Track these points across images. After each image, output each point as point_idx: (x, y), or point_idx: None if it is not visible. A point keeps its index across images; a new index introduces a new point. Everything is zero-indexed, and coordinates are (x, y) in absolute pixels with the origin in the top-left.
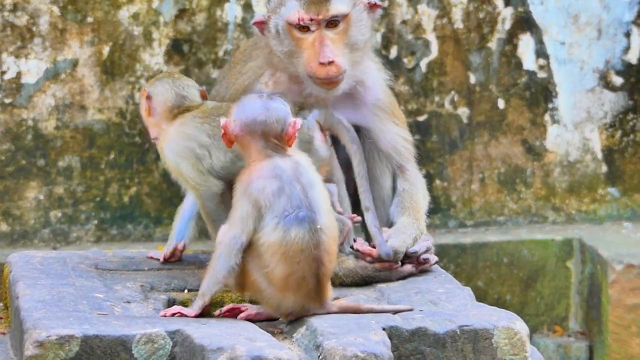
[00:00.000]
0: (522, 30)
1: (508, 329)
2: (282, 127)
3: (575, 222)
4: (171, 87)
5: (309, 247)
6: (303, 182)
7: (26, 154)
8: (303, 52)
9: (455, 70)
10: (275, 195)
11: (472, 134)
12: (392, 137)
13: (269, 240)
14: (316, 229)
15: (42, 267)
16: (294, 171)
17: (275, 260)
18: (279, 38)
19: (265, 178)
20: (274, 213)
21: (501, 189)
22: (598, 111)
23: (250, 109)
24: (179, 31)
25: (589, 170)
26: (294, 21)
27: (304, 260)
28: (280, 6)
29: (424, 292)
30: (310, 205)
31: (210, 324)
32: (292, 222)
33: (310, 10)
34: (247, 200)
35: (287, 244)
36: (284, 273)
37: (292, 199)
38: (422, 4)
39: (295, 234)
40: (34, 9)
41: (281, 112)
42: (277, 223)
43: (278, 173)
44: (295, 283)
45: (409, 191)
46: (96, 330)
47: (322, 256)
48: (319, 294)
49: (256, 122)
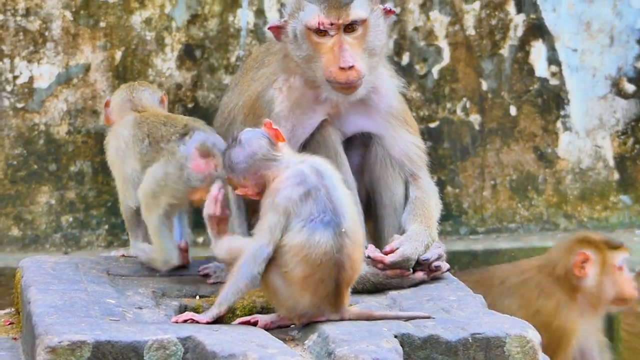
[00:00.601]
0: (534, 37)
1: (520, 337)
2: (266, 140)
3: (587, 229)
4: (123, 93)
5: (332, 251)
6: (326, 184)
7: (38, 158)
8: (322, 57)
9: (467, 77)
10: (303, 200)
11: (484, 140)
12: (405, 144)
13: (291, 242)
14: (341, 233)
15: (54, 272)
16: (316, 175)
17: (296, 261)
18: (297, 43)
19: (291, 186)
20: (300, 217)
21: (513, 196)
22: (610, 118)
23: (234, 158)
24: (191, 36)
25: (601, 178)
26: (313, 26)
27: (325, 263)
28: (298, 11)
29: (435, 299)
30: (335, 209)
31: (222, 331)
32: (318, 226)
33: (331, 15)
34: (276, 211)
35: (311, 246)
36: (304, 274)
37: (318, 203)
38: (434, 11)
39: (320, 237)
40: (46, 13)
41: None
42: (302, 227)
43: (303, 179)
44: (314, 284)
45: (421, 199)
46: (108, 336)
47: (344, 260)
48: (336, 299)
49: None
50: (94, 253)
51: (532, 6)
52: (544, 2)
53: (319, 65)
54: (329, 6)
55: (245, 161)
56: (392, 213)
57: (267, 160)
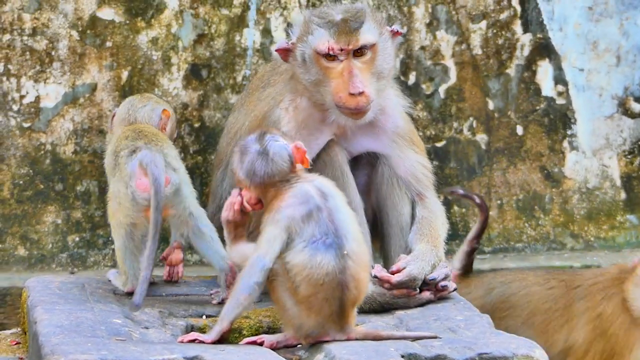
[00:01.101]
0: (541, 56)
1: (527, 357)
2: (289, 161)
3: (594, 249)
4: (125, 105)
5: (334, 272)
6: (330, 205)
7: (44, 178)
8: (331, 82)
9: (473, 97)
10: (305, 220)
11: (491, 160)
12: (412, 164)
13: (293, 262)
14: (343, 255)
15: (61, 292)
16: (319, 196)
17: (299, 281)
18: (305, 66)
19: (293, 205)
20: (302, 237)
21: (519, 216)
22: (617, 138)
23: (259, 169)
24: (198, 56)
25: (608, 197)
26: (322, 50)
27: (328, 284)
28: (307, 34)
29: (442, 319)
30: (337, 230)
31: (229, 351)
32: (320, 247)
33: (341, 40)
34: (276, 226)
35: (312, 267)
36: (307, 293)
37: (320, 224)
38: (440, 30)
39: (321, 258)
40: (53, 33)
41: (279, 150)
42: (304, 247)
43: (305, 198)
44: (317, 304)
45: (428, 218)
46: (114, 356)
47: (347, 281)
48: (340, 318)
49: (270, 174)
50: (100, 273)
51: (539, 26)
52: (551, 21)
53: (328, 90)
54: (338, 31)
55: (263, 177)
56: (398, 233)
57: (281, 181)
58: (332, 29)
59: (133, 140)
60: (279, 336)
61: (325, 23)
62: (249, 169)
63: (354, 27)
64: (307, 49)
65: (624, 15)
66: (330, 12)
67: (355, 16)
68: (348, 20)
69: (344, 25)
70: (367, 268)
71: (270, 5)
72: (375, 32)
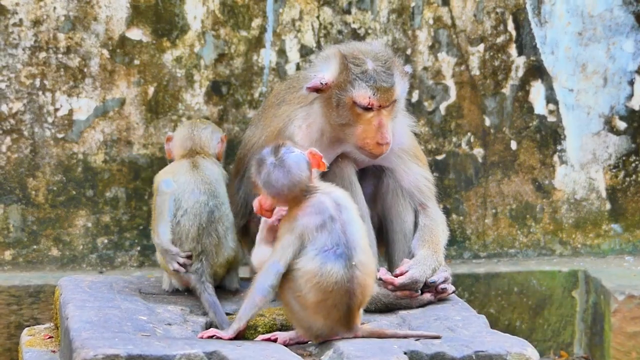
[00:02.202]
0: (534, 77)
1: (520, 354)
2: (307, 169)
3: (581, 255)
4: (185, 130)
5: (343, 280)
6: (343, 218)
7: (76, 185)
8: (359, 126)
9: (471, 114)
10: (318, 230)
11: (487, 172)
12: (415, 177)
13: (304, 268)
14: (351, 265)
15: (90, 290)
16: (334, 208)
17: (309, 287)
18: (336, 109)
19: (309, 215)
20: (315, 246)
21: (512, 224)
22: (603, 153)
23: (275, 181)
24: (218, 74)
25: (594, 208)
26: (362, 104)
27: (337, 291)
28: (346, 84)
29: (442, 319)
30: (348, 242)
31: (245, 346)
32: (330, 257)
33: (381, 99)
34: (292, 234)
35: (322, 275)
36: (316, 299)
37: (332, 235)
38: (442, 52)
39: (331, 267)
40: (85, 51)
41: (298, 162)
42: (315, 255)
43: (321, 209)
44: (326, 310)
45: (429, 226)
46: (140, 350)
47: (354, 289)
48: (348, 321)
49: (287, 186)
50: (127, 273)
51: (532, 49)
52: (543, 45)
53: (354, 132)
54: (380, 89)
55: (282, 188)
56: (402, 239)
57: (300, 191)
58: (373, 85)
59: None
60: (291, 334)
61: (365, 76)
62: (266, 180)
63: (390, 84)
64: (345, 96)
65: (610, 40)
66: (364, 59)
67: (389, 70)
68: (383, 73)
69: (383, 82)
70: (373, 275)
71: (285, 27)
72: (402, 84)
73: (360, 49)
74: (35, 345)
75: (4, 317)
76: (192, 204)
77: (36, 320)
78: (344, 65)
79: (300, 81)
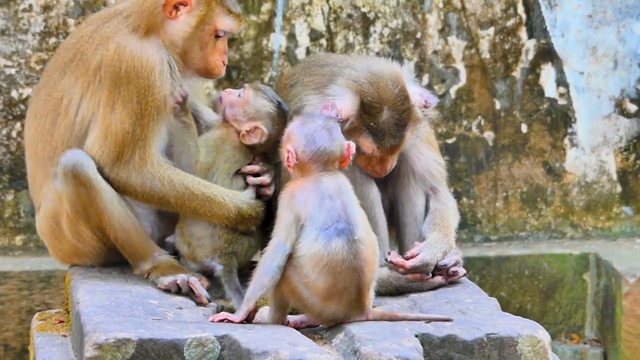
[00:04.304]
0: (544, 60)
1: (531, 337)
2: (342, 153)
3: (592, 238)
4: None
5: (349, 257)
6: (343, 199)
7: None
8: (362, 155)
9: (482, 97)
10: (317, 208)
11: (497, 155)
12: (427, 161)
13: (309, 252)
14: (354, 240)
15: (101, 274)
16: (336, 189)
17: (317, 272)
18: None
19: (308, 191)
20: (315, 225)
21: (523, 207)
22: (614, 136)
23: (320, 140)
24: (229, 58)
25: (605, 191)
26: (366, 152)
27: (345, 271)
28: (357, 129)
29: (453, 302)
30: (349, 218)
31: (256, 330)
32: (332, 234)
33: (386, 151)
34: (290, 212)
35: (329, 254)
36: (326, 284)
37: (332, 212)
38: (452, 36)
39: (335, 244)
40: None
41: (342, 139)
42: (317, 235)
43: (321, 189)
44: (337, 293)
45: (440, 210)
46: (151, 334)
47: (362, 265)
48: (359, 303)
49: (325, 152)
50: None
51: (543, 32)
52: (554, 28)
53: (358, 157)
54: (384, 149)
55: (319, 149)
56: (413, 222)
57: (323, 163)
58: (379, 138)
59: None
60: (302, 317)
61: (375, 129)
62: (310, 134)
63: (398, 140)
64: (353, 136)
65: (620, 23)
66: (380, 108)
67: (402, 122)
68: (394, 128)
69: (390, 137)
70: (376, 251)
71: (295, 12)
72: (414, 128)
73: (379, 92)
74: (47, 330)
75: (15, 302)
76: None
77: (47, 305)
78: (359, 110)
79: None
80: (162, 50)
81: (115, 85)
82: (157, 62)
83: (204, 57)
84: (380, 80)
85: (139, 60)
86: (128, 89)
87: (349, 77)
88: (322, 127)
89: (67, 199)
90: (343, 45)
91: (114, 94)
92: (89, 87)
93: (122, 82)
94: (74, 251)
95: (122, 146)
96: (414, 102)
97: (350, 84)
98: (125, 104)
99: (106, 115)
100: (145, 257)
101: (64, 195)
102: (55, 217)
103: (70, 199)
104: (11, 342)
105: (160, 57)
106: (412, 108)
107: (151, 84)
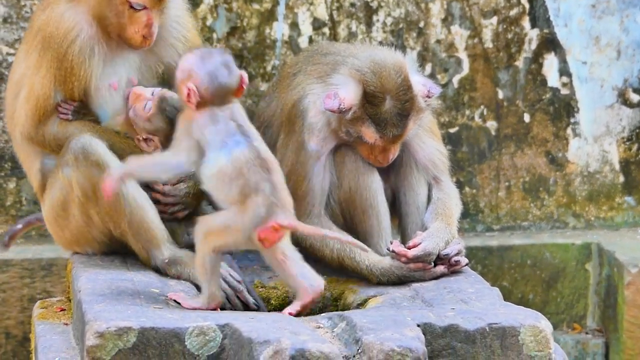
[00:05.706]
0: (547, 50)
1: (534, 327)
2: (238, 83)
3: (594, 228)
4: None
5: (252, 157)
6: (237, 120)
7: None
8: (362, 145)
9: (484, 87)
10: (213, 133)
11: (500, 145)
12: (430, 150)
13: (215, 170)
14: (253, 144)
15: (103, 262)
16: (229, 115)
17: (227, 182)
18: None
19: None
20: (214, 148)
21: (526, 197)
22: (616, 126)
23: (221, 77)
24: (231, 47)
25: (607, 180)
26: (368, 141)
27: (252, 169)
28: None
29: (455, 291)
30: (244, 132)
31: (258, 318)
32: (231, 146)
33: (388, 141)
34: (190, 137)
35: (232, 162)
36: (239, 187)
37: (228, 132)
38: (455, 25)
39: (236, 153)
40: None
41: (237, 71)
42: (217, 154)
43: (216, 118)
44: (252, 188)
45: (443, 199)
46: (152, 323)
47: (267, 162)
48: (279, 199)
49: (225, 87)
50: None
51: (546, 22)
52: (557, 18)
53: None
54: (388, 135)
55: (219, 85)
56: (415, 211)
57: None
58: (381, 128)
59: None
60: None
61: (378, 119)
62: (210, 71)
63: (400, 130)
64: (353, 129)
65: (624, 13)
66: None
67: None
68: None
69: (392, 127)
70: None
71: (298, 1)
72: (419, 115)
73: (382, 81)
74: (48, 318)
75: (17, 290)
76: None
77: (48, 293)
78: (362, 99)
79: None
80: (85, 18)
81: (43, 49)
82: (72, 29)
83: (122, 27)
84: (383, 69)
85: (57, 26)
86: (50, 53)
87: (351, 66)
88: (221, 63)
89: (77, 183)
90: (346, 34)
91: (42, 58)
92: (28, 52)
93: (46, 47)
94: (75, 240)
95: (44, 110)
96: (417, 91)
97: (353, 73)
98: (49, 68)
99: (32, 77)
100: (160, 245)
101: (74, 180)
102: (64, 204)
103: (80, 182)
104: (12, 330)
105: (79, 24)
106: (414, 97)
107: (66, 50)
